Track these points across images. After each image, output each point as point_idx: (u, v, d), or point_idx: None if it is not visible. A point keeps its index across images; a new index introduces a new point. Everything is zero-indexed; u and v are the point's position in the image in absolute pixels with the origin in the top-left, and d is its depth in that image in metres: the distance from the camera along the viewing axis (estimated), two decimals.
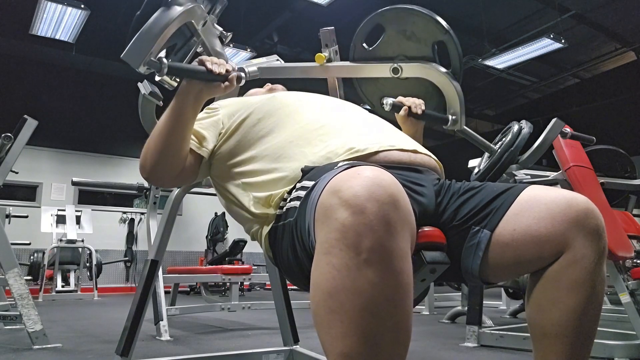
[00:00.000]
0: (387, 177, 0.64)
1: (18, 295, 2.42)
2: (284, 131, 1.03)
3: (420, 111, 1.33)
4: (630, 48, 7.57)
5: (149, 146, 1.04)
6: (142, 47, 0.99)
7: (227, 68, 1.04)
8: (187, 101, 1.02)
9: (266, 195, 0.94)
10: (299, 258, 0.82)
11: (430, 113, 1.36)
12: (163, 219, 1.90)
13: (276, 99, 1.12)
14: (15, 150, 2.65)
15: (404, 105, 1.34)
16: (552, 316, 0.79)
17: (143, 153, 1.06)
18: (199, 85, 1.02)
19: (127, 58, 0.97)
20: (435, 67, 1.35)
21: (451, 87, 1.30)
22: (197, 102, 1.04)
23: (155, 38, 1.01)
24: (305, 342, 2.03)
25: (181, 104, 1.02)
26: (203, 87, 1.03)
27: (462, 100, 1.30)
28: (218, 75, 1.02)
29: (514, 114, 4.40)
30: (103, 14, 5.93)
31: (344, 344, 0.59)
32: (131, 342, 1.63)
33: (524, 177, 2.38)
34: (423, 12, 1.40)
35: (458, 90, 1.30)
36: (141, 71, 0.98)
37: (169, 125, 1.02)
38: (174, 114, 1.02)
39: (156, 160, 1.03)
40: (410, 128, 1.36)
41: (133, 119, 2.01)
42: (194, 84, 1.02)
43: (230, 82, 1.05)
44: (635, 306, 2.10)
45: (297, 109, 1.08)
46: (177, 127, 1.02)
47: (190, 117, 1.03)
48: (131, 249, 8.31)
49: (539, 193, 0.84)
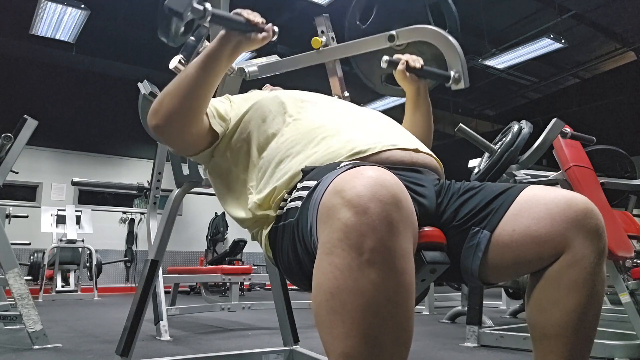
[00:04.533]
0: (389, 177, 0.64)
1: (18, 295, 2.42)
2: (286, 131, 1.03)
3: (419, 65, 1.26)
4: (630, 48, 7.56)
5: (170, 91, 1.00)
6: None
7: (263, 20, 1.04)
8: (225, 49, 1.01)
9: (266, 195, 0.94)
10: (299, 258, 0.82)
11: (431, 69, 1.30)
12: (163, 219, 1.90)
13: (278, 97, 1.12)
14: (15, 150, 2.65)
15: (401, 60, 1.27)
16: (552, 316, 0.79)
17: (159, 99, 1.01)
18: (238, 36, 1.01)
19: (172, 3, 0.94)
20: (430, 27, 1.31)
21: (450, 44, 1.24)
22: (234, 53, 1.03)
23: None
24: (305, 342, 2.03)
25: (219, 51, 1.00)
26: (242, 38, 1.02)
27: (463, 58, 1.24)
28: (256, 26, 1.02)
29: (514, 114, 4.40)
30: (103, 14, 5.92)
31: (346, 344, 0.59)
32: (131, 342, 1.63)
33: (524, 177, 2.38)
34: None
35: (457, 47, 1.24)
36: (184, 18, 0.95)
37: (200, 71, 0.99)
38: (208, 61, 0.99)
39: (175, 106, 0.98)
40: (412, 87, 1.29)
41: (133, 119, 2.02)
42: (233, 34, 1.01)
43: (267, 32, 1.04)
44: (635, 306, 2.10)
45: (299, 109, 1.08)
46: (207, 75, 0.99)
47: (223, 67, 1.02)
48: (131, 249, 8.32)
49: (538, 193, 0.84)
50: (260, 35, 1.03)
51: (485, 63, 7.28)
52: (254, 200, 0.97)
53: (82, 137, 8.27)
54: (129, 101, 3.23)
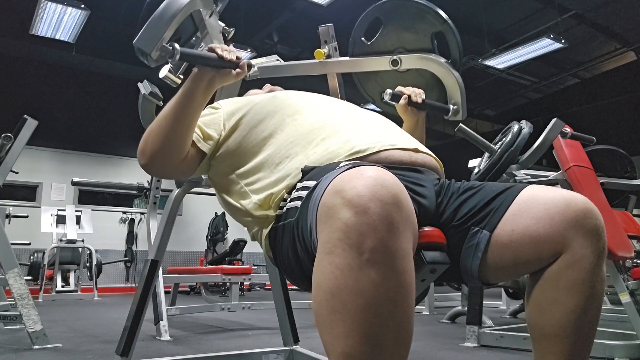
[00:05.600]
0: (389, 177, 0.64)
1: (18, 295, 2.42)
2: (285, 131, 1.03)
3: (420, 100, 1.30)
4: (630, 48, 7.56)
5: (152, 131, 1.02)
6: (154, 32, 0.98)
7: (237, 55, 1.03)
8: (198, 87, 1.01)
9: (266, 196, 0.94)
10: (299, 258, 0.82)
11: (431, 102, 1.34)
12: (163, 219, 1.90)
13: (277, 98, 1.12)
14: (15, 150, 2.65)
15: (404, 94, 1.31)
16: (551, 317, 0.79)
17: (144, 138, 1.03)
18: (211, 72, 1.02)
19: (140, 44, 0.95)
20: (434, 58, 1.34)
21: (451, 76, 1.28)
22: (209, 89, 1.03)
23: (168, 23, 1.00)
24: (305, 342, 2.03)
25: (192, 90, 1.01)
26: (215, 74, 1.02)
27: (463, 90, 1.27)
28: (229, 62, 1.01)
29: (514, 114, 4.40)
30: (103, 14, 5.93)
31: (346, 343, 0.59)
32: (131, 342, 1.63)
33: (524, 177, 2.38)
34: (421, 2, 1.39)
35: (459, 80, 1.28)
36: (153, 57, 0.97)
37: (177, 110, 1.00)
38: (184, 99, 1.00)
39: (158, 146, 1.01)
40: (411, 119, 1.34)
41: (133, 119, 2.02)
42: (206, 71, 1.01)
43: (241, 69, 1.04)
44: (635, 306, 2.10)
45: (298, 109, 1.08)
46: (185, 113, 1.00)
47: (200, 104, 1.03)
48: (131, 249, 8.32)
49: (537, 193, 0.84)
50: (235, 71, 1.04)
51: (485, 63, 7.28)
52: (254, 200, 0.97)
53: (82, 137, 8.27)
54: (129, 101, 3.23)
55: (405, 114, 1.34)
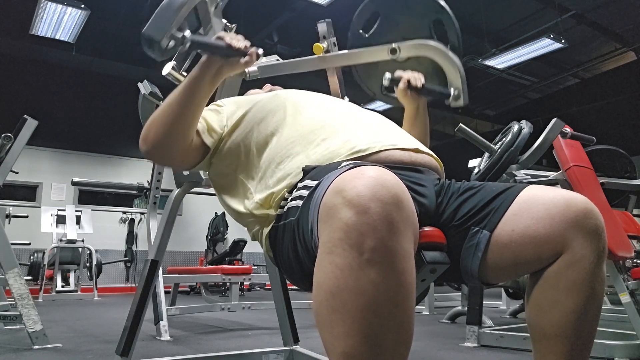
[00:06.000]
0: (390, 177, 0.64)
1: (18, 295, 2.42)
2: (286, 130, 1.03)
3: (420, 84, 1.28)
4: (630, 48, 7.57)
5: (155, 118, 1.01)
6: (164, 21, 0.97)
7: (245, 44, 1.03)
8: (206, 75, 1.00)
9: (267, 195, 0.94)
10: (300, 257, 0.82)
11: (432, 87, 1.32)
12: (163, 219, 1.90)
13: (279, 96, 1.12)
14: (15, 150, 2.65)
15: (403, 78, 1.29)
16: (551, 317, 0.79)
17: (147, 126, 1.02)
18: (219, 60, 1.01)
19: (150, 32, 0.94)
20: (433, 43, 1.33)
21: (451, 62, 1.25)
22: (216, 77, 1.02)
23: (178, 11, 0.99)
24: (305, 342, 2.03)
25: (200, 78, 1.00)
26: (224, 62, 1.01)
27: (464, 75, 1.25)
28: (238, 51, 1.01)
29: (514, 114, 4.40)
30: (103, 14, 5.93)
31: (346, 343, 0.59)
32: (131, 342, 1.63)
33: (524, 177, 2.38)
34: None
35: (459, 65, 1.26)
36: (163, 45, 0.96)
37: (183, 98, 0.99)
38: (190, 88, 0.99)
39: (162, 133, 1.00)
40: (412, 104, 1.31)
41: (133, 119, 2.02)
42: (214, 59, 1.01)
43: (250, 57, 1.03)
44: (635, 306, 2.10)
45: (300, 108, 1.08)
46: (191, 102, 0.99)
47: (206, 93, 1.02)
48: (131, 249, 8.32)
49: (537, 193, 0.84)
50: (243, 59, 1.02)
51: (485, 63, 7.29)
52: (255, 200, 0.97)
53: (82, 137, 8.27)
54: (129, 101, 3.23)
55: (405, 99, 1.31)
